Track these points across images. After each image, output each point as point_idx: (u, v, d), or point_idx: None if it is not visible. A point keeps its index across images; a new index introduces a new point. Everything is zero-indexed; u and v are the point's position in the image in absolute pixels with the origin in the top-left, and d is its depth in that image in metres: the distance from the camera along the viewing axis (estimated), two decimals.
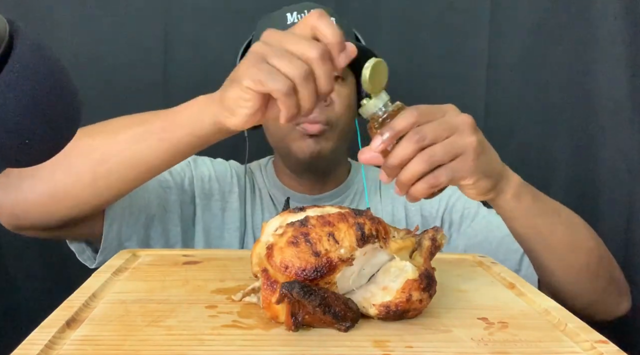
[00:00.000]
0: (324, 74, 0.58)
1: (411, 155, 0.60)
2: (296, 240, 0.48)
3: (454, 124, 0.62)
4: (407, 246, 0.52)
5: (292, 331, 0.48)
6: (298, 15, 0.90)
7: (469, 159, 0.62)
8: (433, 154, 0.60)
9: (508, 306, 0.56)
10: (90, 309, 0.52)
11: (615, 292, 0.80)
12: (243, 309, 0.53)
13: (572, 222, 0.76)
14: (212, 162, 1.00)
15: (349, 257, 0.48)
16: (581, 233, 0.76)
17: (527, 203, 0.70)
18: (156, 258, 0.69)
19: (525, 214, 0.71)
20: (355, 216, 0.49)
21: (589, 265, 0.75)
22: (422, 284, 0.50)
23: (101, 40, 1.21)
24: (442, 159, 0.61)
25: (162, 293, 0.57)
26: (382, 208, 0.98)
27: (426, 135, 0.60)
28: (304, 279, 0.47)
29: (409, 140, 0.60)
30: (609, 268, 0.79)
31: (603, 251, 0.78)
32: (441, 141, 0.61)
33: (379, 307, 0.50)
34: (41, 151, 0.39)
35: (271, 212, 0.98)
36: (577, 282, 0.76)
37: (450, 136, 0.61)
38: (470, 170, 0.62)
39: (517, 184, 0.69)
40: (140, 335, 0.46)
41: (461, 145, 0.61)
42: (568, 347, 0.47)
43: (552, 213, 0.74)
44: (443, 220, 0.97)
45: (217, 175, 0.97)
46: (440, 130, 0.61)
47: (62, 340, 0.45)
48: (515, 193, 0.69)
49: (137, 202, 0.84)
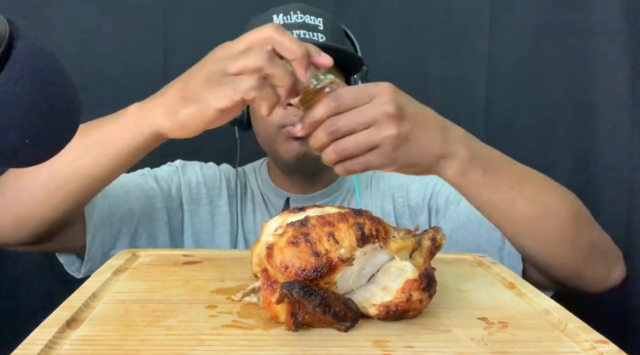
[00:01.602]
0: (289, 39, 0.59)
1: (326, 143, 0.61)
2: (296, 240, 0.48)
3: (374, 117, 0.61)
4: (407, 246, 0.52)
5: (292, 331, 0.48)
6: (284, 17, 0.90)
7: (385, 151, 0.62)
8: (344, 148, 0.61)
9: (508, 306, 0.56)
10: (90, 309, 0.52)
11: (601, 261, 0.77)
12: (243, 309, 0.53)
13: (537, 194, 0.72)
14: (201, 166, 1.00)
15: (349, 257, 0.48)
16: (550, 204, 0.72)
17: (476, 179, 0.68)
18: (156, 258, 0.69)
19: (475, 189, 0.69)
20: (355, 216, 0.49)
21: (563, 236, 0.73)
22: (422, 284, 0.50)
23: (101, 40, 1.21)
24: (354, 152, 0.61)
25: (162, 293, 0.57)
26: (372, 203, 0.98)
27: (339, 128, 0.61)
28: (304, 279, 0.47)
29: (322, 130, 0.61)
30: (590, 237, 0.76)
31: (582, 220, 0.75)
32: (356, 133, 0.61)
33: (379, 307, 0.50)
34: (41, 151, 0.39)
35: (263, 213, 0.98)
36: (553, 255, 0.74)
37: (367, 128, 0.61)
38: (386, 161, 0.62)
39: (464, 160, 0.67)
40: (140, 335, 0.46)
41: (376, 140, 0.61)
42: (568, 347, 0.47)
43: (509, 186, 0.70)
44: (430, 208, 0.96)
45: (205, 179, 0.97)
46: (356, 124, 0.61)
47: (62, 340, 0.45)
48: (459, 170, 0.67)
49: (118, 212, 0.84)
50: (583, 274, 0.76)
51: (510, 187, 0.70)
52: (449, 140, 0.66)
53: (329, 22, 0.92)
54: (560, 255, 0.74)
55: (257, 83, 0.58)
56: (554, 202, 0.73)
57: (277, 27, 0.60)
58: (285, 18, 0.89)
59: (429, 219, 0.96)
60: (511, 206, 0.70)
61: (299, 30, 0.89)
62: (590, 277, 0.76)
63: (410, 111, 0.63)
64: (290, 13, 0.90)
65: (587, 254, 0.75)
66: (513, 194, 0.70)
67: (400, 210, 0.97)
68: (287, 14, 0.90)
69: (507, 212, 0.71)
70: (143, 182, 0.91)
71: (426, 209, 0.96)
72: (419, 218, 0.96)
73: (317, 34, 0.89)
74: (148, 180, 0.92)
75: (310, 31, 0.89)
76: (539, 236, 0.73)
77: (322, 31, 0.90)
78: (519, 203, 0.70)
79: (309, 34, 0.89)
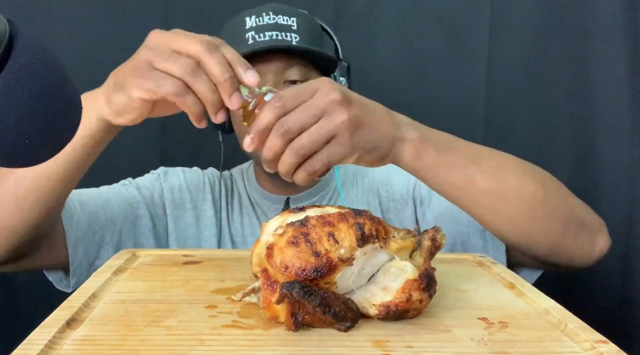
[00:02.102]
0: (214, 63, 0.57)
1: (281, 148, 0.60)
2: (296, 240, 0.48)
3: (321, 107, 0.60)
4: (407, 246, 0.52)
5: (292, 331, 0.48)
6: (257, 19, 0.89)
7: (343, 139, 0.61)
8: (301, 146, 0.60)
9: (508, 306, 0.56)
10: (90, 309, 0.52)
11: (581, 233, 0.75)
12: (243, 309, 0.53)
13: (496, 170, 0.71)
14: (184, 171, 1.00)
15: (349, 257, 0.48)
16: (511, 179, 0.71)
17: (431, 159, 0.67)
18: (156, 258, 0.69)
19: (432, 170, 0.69)
20: (355, 216, 0.49)
21: (531, 211, 0.71)
22: (422, 284, 0.50)
23: (101, 40, 1.21)
24: (312, 148, 0.60)
25: (162, 293, 0.57)
26: (359, 199, 0.98)
27: (291, 127, 0.59)
28: (304, 279, 0.47)
29: (275, 135, 0.60)
30: (564, 210, 0.74)
31: (552, 192, 0.74)
32: (309, 128, 0.60)
33: (379, 307, 0.50)
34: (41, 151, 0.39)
35: (250, 216, 0.98)
36: (524, 232, 0.73)
37: (318, 120, 0.60)
38: (346, 150, 0.61)
39: (416, 142, 0.66)
40: (140, 335, 0.46)
41: (330, 128, 0.60)
42: (568, 347, 0.47)
43: (465, 164, 0.69)
44: (414, 199, 0.96)
45: (188, 184, 0.98)
46: (306, 118, 0.60)
47: (62, 340, 0.45)
48: (413, 153, 0.66)
49: (98, 221, 0.84)
50: (563, 249, 0.74)
51: (466, 165, 0.69)
52: (398, 124, 0.66)
53: (303, 21, 0.91)
54: (532, 231, 0.73)
55: (178, 89, 0.57)
56: (516, 176, 0.71)
57: (208, 45, 0.58)
58: (257, 20, 0.89)
59: (415, 210, 0.96)
60: (470, 183, 0.69)
61: (271, 32, 0.88)
62: (572, 251, 0.75)
63: (355, 98, 0.63)
64: (262, 14, 0.89)
65: (563, 228, 0.73)
66: (470, 172, 0.69)
67: (386, 204, 0.97)
68: (260, 15, 0.89)
69: (466, 189, 0.70)
70: (124, 190, 0.92)
71: (411, 201, 0.96)
72: (405, 211, 0.96)
73: (291, 34, 0.89)
74: (129, 189, 0.93)
75: (283, 32, 0.88)
76: (504, 212, 0.71)
77: (296, 31, 0.89)
78: (477, 179, 0.69)
79: (281, 34, 0.88)
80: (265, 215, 0.97)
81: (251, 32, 0.88)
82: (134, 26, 1.22)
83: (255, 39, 0.88)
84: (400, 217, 0.95)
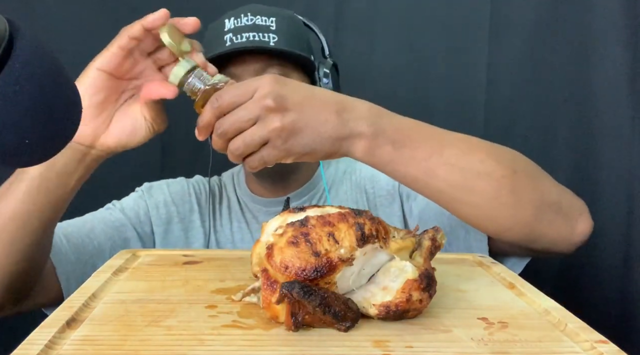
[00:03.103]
0: None
1: (223, 146, 0.65)
2: (296, 240, 0.48)
3: (256, 112, 0.63)
4: (407, 246, 0.52)
5: (292, 331, 0.48)
6: (235, 21, 0.89)
7: (277, 145, 0.63)
8: (236, 148, 0.64)
9: (508, 306, 0.56)
10: (90, 309, 0.52)
11: (558, 217, 0.72)
12: (243, 309, 0.53)
13: (460, 158, 0.69)
14: (168, 185, 1.00)
15: (349, 257, 0.48)
16: (477, 166, 0.69)
17: (386, 154, 0.66)
18: (156, 258, 0.69)
19: (388, 165, 0.68)
20: (355, 216, 0.49)
21: (499, 197, 0.69)
22: (422, 284, 0.50)
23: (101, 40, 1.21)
24: (247, 150, 0.64)
25: (162, 293, 0.57)
26: (348, 197, 0.98)
27: (226, 130, 0.64)
28: (304, 279, 0.47)
29: (215, 135, 0.65)
30: (536, 194, 0.71)
31: (522, 177, 0.71)
32: (244, 132, 0.63)
33: (379, 307, 0.50)
34: (41, 151, 0.39)
35: (239, 221, 0.98)
36: (494, 218, 0.71)
37: (255, 122, 0.63)
38: (280, 154, 0.64)
39: (368, 138, 0.65)
40: (140, 335, 0.46)
41: (263, 135, 0.63)
42: (568, 347, 0.47)
43: (426, 157, 0.67)
44: (400, 194, 0.95)
45: (173, 197, 0.98)
46: (241, 122, 0.63)
47: (62, 340, 0.45)
48: (364, 149, 0.66)
49: (86, 251, 0.84)
50: (540, 234, 0.72)
51: (427, 157, 0.68)
52: (347, 121, 0.66)
53: (282, 21, 0.90)
54: (501, 218, 0.71)
55: None
56: (481, 162, 0.69)
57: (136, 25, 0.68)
58: (236, 22, 0.89)
59: (402, 205, 0.95)
60: (432, 176, 0.68)
61: (249, 33, 0.88)
62: (550, 235, 0.73)
63: (294, 100, 0.64)
64: (241, 16, 0.89)
65: (536, 212, 0.71)
66: (431, 164, 0.68)
67: (373, 201, 0.97)
68: (238, 17, 0.89)
69: (428, 182, 0.69)
70: (108, 215, 0.92)
71: (397, 196, 0.95)
72: (392, 206, 0.95)
73: (269, 35, 0.88)
74: (113, 212, 0.93)
75: (261, 32, 0.88)
76: (472, 201, 0.69)
77: (274, 31, 0.88)
78: (440, 171, 0.68)
79: (259, 35, 0.88)
80: (255, 219, 0.97)
81: (229, 34, 0.88)
82: None
83: (233, 41, 0.88)
84: (387, 213, 0.95)
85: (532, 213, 0.71)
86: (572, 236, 0.74)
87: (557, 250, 0.75)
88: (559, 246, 0.74)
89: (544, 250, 0.76)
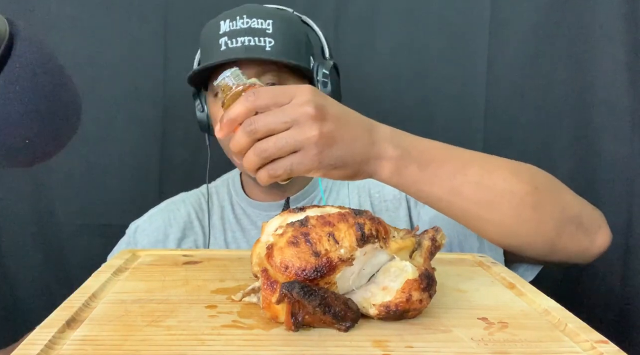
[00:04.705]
0: None
1: (246, 145, 0.59)
2: (296, 240, 0.48)
3: (294, 116, 0.59)
4: (407, 246, 0.52)
5: (292, 331, 0.48)
6: (230, 23, 0.87)
7: (310, 154, 0.59)
8: (264, 149, 0.59)
9: (508, 306, 0.56)
10: (90, 309, 0.52)
11: (578, 231, 0.72)
12: (243, 309, 0.53)
13: (483, 176, 0.69)
14: (150, 223, 0.99)
15: (349, 257, 0.48)
16: (499, 184, 0.69)
17: (412, 175, 0.66)
18: (156, 258, 0.69)
19: (413, 186, 0.67)
20: (355, 216, 0.49)
21: (521, 215, 0.69)
22: (422, 284, 0.50)
23: (101, 40, 1.21)
24: (276, 154, 0.59)
25: (162, 293, 0.57)
26: (350, 200, 0.97)
27: (258, 128, 0.59)
28: (304, 279, 0.47)
29: (242, 131, 0.59)
30: (557, 209, 0.72)
31: (544, 193, 0.71)
32: (277, 134, 0.59)
33: (379, 307, 0.50)
34: (42, 151, 0.39)
35: (234, 231, 0.97)
36: (516, 235, 0.71)
37: (288, 129, 0.59)
38: (312, 165, 0.60)
39: (395, 159, 0.65)
40: (140, 335, 0.46)
41: (299, 140, 0.59)
42: (568, 347, 0.47)
43: (450, 176, 0.67)
44: (407, 199, 0.95)
45: (157, 237, 0.97)
46: (276, 123, 0.59)
47: (62, 340, 0.45)
48: (392, 170, 0.65)
49: None
50: (560, 248, 0.72)
51: (452, 176, 0.67)
52: (376, 141, 0.64)
53: (279, 23, 0.88)
54: (524, 234, 0.71)
55: None
56: (504, 180, 0.69)
57: None
58: (231, 24, 0.87)
59: (409, 210, 0.95)
60: (456, 195, 0.68)
61: (244, 37, 0.86)
62: (570, 249, 0.73)
63: (333, 112, 0.61)
64: (236, 18, 0.87)
65: (557, 228, 0.71)
66: (455, 183, 0.67)
67: (378, 205, 0.96)
68: (234, 19, 0.87)
69: (452, 201, 0.68)
70: None
71: (404, 201, 0.95)
72: (398, 211, 0.95)
73: (265, 39, 0.86)
74: None
75: (257, 36, 0.86)
76: (494, 219, 0.70)
77: (271, 34, 0.87)
78: (465, 190, 0.68)
79: (254, 39, 0.86)
80: (254, 224, 0.97)
81: (224, 37, 0.87)
82: (134, 26, 1.22)
83: (228, 45, 0.86)
84: (393, 218, 0.94)
85: (553, 228, 0.71)
86: (592, 249, 0.74)
87: (575, 261, 0.75)
88: (578, 258, 0.75)
89: (562, 263, 0.76)
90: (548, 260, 0.76)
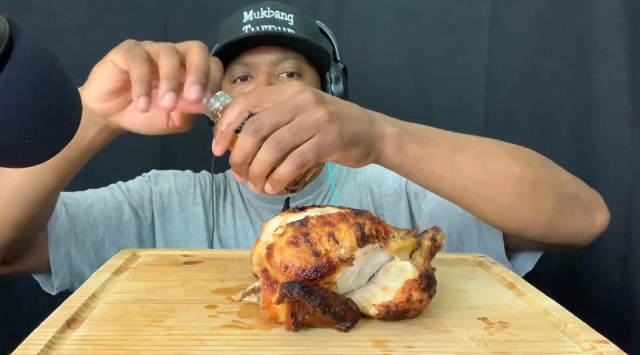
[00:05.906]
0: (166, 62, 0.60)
1: (253, 148, 0.55)
2: (296, 240, 0.48)
3: (295, 104, 0.56)
4: (407, 246, 0.52)
5: (292, 331, 0.48)
6: (254, 13, 0.90)
7: (330, 131, 0.57)
8: (280, 139, 0.54)
9: (508, 306, 0.56)
10: (90, 309, 0.52)
11: (577, 210, 0.72)
12: (243, 309, 0.53)
13: (481, 155, 0.69)
14: (175, 175, 1.00)
15: (349, 257, 0.48)
16: (498, 163, 0.69)
17: (414, 152, 0.65)
18: (156, 258, 0.69)
19: (416, 163, 0.66)
20: (356, 216, 0.49)
21: (521, 192, 0.69)
22: (422, 284, 0.50)
23: (101, 40, 1.21)
24: (293, 140, 0.55)
25: (162, 293, 0.57)
26: (352, 196, 0.98)
27: (263, 122, 0.55)
28: (304, 279, 0.47)
29: (245, 133, 0.55)
30: (556, 187, 0.71)
31: (541, 171, 0.71)
32: (285, 125, 0.55)
33: (379, 307, 0.50)
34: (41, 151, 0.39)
35: (243, 218, 0.97)
36: (515, 214, 0.71)
37: (295, 117, 0.56)
38: (335, 142, 0.57)
39: (395, 136, 0.64)
40: (140, 335, 0.46)
41: (312, 122, 0.56)
42: (568, 347, 0.47)
43: (450, 153, 0.67)
44: (407, 193, 0.95)
45: (178, 188, 0.98)
46: (280, 113, 0.55)
47: (62, 340, 0.45)
48: (395, 147, 0.64)
49: (81, 225, 0.84)
50: (559, 227, 0.72)
51: (452, 154, 0.67)
52: (375, 120, 0.64)
53: (300, 19, 0.92)
54: (524, 213, 0.71)
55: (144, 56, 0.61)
56: (502, 159, 0.69)
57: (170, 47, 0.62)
58: (255, 14, 0.90)
59: (409, 204, 0.95)
60: (457, 173, 0.67)
61: (268, 25, 0.89)
62: (570, 229, 0.73)
63: (328, 96, 0.61)
64: (260, 9, 0.91)
65: (556, 206, 0.71)
66: (456, 160, 0.67)
67: (379, 200, 0.97)
68: (257, 10, 0.91)
69: (454, 179, 0.68)
70: (109, 195, 0.92)
71: (404, 195, 0.95)
72: (398, 206, 0.95)
73: (287, 29, 0.90)
74: (115, 193, 0.92)
75: (279, 26, 0.89)
76: (494, 198, 0.69)
77: (292, 26, 0.90)
78: (465, 168, 0.67)
79: (277, 28, 0.89)
80: (259, 216, 0.97)
81: (248, 25, 0.90)
82: (134, 26, 1.22)
83: (252, 31, 0.89)
84: (394, 213, 0.95)
85: (553, 206, 0.71)
86: (592, 228, 0.74)
87: (575, 242, 0.75)
88: (578, 238, 0.74)
89: (562, 244, 0.76)
90: (547, 242, 0.76)
